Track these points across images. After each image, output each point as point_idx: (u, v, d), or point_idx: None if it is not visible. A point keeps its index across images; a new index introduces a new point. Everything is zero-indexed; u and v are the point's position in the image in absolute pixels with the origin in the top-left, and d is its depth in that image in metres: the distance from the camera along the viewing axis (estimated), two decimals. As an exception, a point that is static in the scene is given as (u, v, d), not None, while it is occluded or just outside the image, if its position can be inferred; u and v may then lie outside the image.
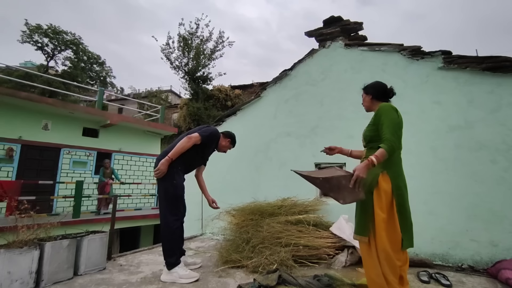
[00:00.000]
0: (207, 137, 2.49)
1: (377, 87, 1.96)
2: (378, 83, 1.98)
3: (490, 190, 2.62)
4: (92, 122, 8.74)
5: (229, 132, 2.82)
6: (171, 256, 2.30)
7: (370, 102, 2.00)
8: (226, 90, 17.65)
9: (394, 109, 1.77)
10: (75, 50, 20.38)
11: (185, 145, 2.36)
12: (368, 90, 2.01)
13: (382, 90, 1.93)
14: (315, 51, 4.05)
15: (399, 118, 1.74)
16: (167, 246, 2.33)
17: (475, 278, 2.34)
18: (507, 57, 2.77)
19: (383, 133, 1.67)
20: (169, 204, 2.37)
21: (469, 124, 2.82)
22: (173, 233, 2.36)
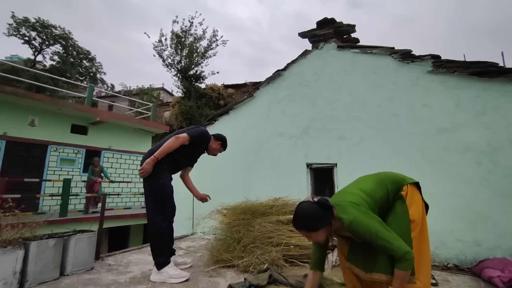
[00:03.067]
0: (196, 137, 2.45)
1: (307, 217, 1.38)
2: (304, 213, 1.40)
3: (475, 191, 2.70)
4: (81, 119, 8.55)
5: (220, 135, 2.79)
6: (160, 256, 2.27)
7: (323, 234, 1.40)
8: (219, 89, 17.56)
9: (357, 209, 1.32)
10: (64, 45, 19.87)
11: (172, 145, 2.31)
12: (308, 228, 1.39)
13: (318, 215, 1.37)
14: (308, 52, 4.08)
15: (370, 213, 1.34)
16: (155, 246, 2.30)
17: (460, 277, 2.40)
18: (493, 62, 2.86)
19: (383, 250, 1.27)
20: (156, 204, 2.33)
21: (456, 127, 2.89)
22: (161, 232, 2.32)
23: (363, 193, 1.41)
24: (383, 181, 1.49)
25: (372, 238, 1.25)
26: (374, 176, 1.56)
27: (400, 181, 1.49)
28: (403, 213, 1.40)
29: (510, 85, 2.71)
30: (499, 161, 2.65)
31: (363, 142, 3.39)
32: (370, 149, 3.32)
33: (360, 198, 1.38)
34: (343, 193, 1.49)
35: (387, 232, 1.26)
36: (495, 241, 2.55)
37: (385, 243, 1.23)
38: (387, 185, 1.47)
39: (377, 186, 1.46)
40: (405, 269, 1.23)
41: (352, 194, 1.42)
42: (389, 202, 1.45)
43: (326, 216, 1.37)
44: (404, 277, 1.24)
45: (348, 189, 1.52)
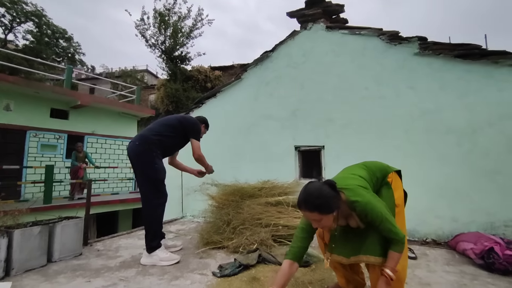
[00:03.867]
0: (200, 136, 2.61)
1: (322, 197, 1.26)
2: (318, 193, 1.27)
3: (455, 171, 2.83)
4: (60, 102, 8.15)
5: (202, 118, 2.85)
6: (153, 240, 2.29)
7: (331, 219, 1.31)
8: (206, 71, 17.10)
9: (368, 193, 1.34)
10: (38, 23, 18.52)
11: (204, 158, 2.61)
12: (323, 209, 1.26)
13: (332, 196, 1.27)
14: (296, 33, 4.00)
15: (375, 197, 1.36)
16: (151, 230, 2.31)
17: (437, 250, 2.56)
18: (476, 45, 2.90)
19: (387, 233, 1.29)
20: (152, 189, 2.34)
21: (439, 109, 2.97)
22: (157, 217, 2.36)
23: (362, 178, 1.43)
24: (371, 169, 1.53)
25: (382, 221, 1.27)
26: (362, 165, 1.58)
27: (385, 169, 1.56)
28: (389, 198, 1.46)
29: (491, 67, 2.77)
30: (478, 142, 2.76)
31: (350, 124, 3.44)
32: (356, 131, 3.38)
33: (364, 183, 1.40)
34: (343, 178, 1.44)
35: (391, 216, 1.31)
36: (470, 217, 2.72)
37: (390, 226, 1.27)
38: (376, 173, 1.52)
39: (368, 173, 1.50)
40: (400, 251, 1.29)
41: (355, 179, 1.41)
42: (376, 189, 1.50)
43: (337, 198, 1.28)
44: (398, 259, 1.31)
45: (345, 175, 1.49)
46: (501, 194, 2.62)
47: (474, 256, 2.15)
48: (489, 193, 2.67)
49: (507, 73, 2.70)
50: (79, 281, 1.91)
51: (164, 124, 2.49)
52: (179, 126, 2.52)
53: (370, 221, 1.30)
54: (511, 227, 2.56)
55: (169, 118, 2.58)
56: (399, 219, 1.45)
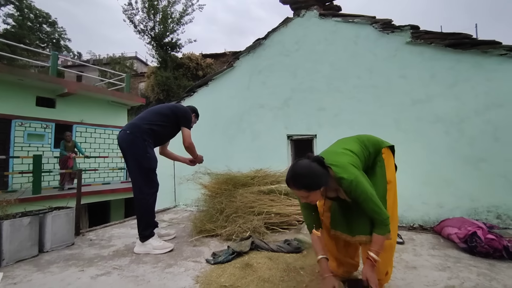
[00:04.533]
0: (191, 123, 2.59)
1: (310, 176, 1.29)
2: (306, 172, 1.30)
3: (442, 159, 2.90)
4: (46, 90, 7.89)
5: (192, 107, 2.83)
6: (146, 229, 2.30)
7: (319, 194, 1.35)
8: (197, 58, 16.75)
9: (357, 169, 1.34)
10: (18, 6, 17.64)
11: (194, 149, 2.64)
12: (310, 187, 1.30)
13: (319, 173, 1.29)
14: (289, 20, 3.93)
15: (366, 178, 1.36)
16: (144, 220, 2.31)
17: (423, 235, 2.66)
18: (467, 34, 2.92)
19: (374, 217, 1.31)
20: (144, 178, 2.33)
21: (430, 98, 3.01)
22: (149, 206, 2.35)
23: (353, 154, 1.42)
24: (364, 143, 1.52)
25: (366, 199, 1.28)
26: (356, 138, 1.57)
27: (379, 144, 1.54)
28: (382, 176, 1.48)
29: (480, 57, 2.81)
30: (465, 131, 2.83)
31: (342, 113, 3.46)
32: (348, 120, 3.40)
33: (355, 159, 1.40)
34: (334, 153, 1.45)
35: (376, 196, 1.31)
36: (455, 203, 2.82)
37: (374, 206, 1.28)
38: (369, 147, 1.51)
39: (360, 147, 1.49)
40: (384, 234, 1.30)
41: (346, 155, 1.41)
42: (369, 163, 1.50)
43: (325, 175, 1.31)
44: (382, 242, 1.32)
45: (336, 149, 1.49)
46: (485, 181, 2.72)
47: (458, 240, 2.25)
48: (474, 180, 2.76)
49: (496, 62, 2.75)
50: (72, 270, 1.91)
51: (156, 113, 2.46)
52: (171, 115, 2.49)
53: (354, 198, 1.32)
54: (493, 212, 2.67)
55: (161, 107, 2.55)
56: (391, 194, 1.47)
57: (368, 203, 1.29)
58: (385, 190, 1.45)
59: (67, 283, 1.71)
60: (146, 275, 1.82)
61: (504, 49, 2.70)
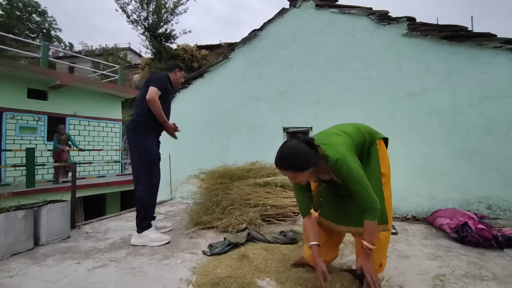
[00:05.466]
0: (162, 85, 2.37)
1: (296, 156, 1.28)
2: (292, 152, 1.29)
3: (436, 151, 2.94)
4: (38, 82, 7.71)
5: (172, 63, 2.66)
6: (143, 221, 2.31)
7: (308, 175, 1.34)
8: (192, 50, 16.52)
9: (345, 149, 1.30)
10: (6, -6, 17.08)
11: (157, 106, 2.28)
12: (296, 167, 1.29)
13: (308, 153, 1.27)
14: (285, 11, 3.88)
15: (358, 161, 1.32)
16: (142, 211, 2.31)
17: (416, 225, 2.72)
18: (462, 26, 2.92)
19: (361, 200, 1.29)
20: (143, 170, 2.33)
21: (424, 90, 3.02)
22: (147, 198, 2.35)
23: (346, 135, 1.41)
24: (360, 129, 1.51)
25: (351, 179, 1.25)
26: (351, 124, 1.57)
27: (374, 133, 1.53)
28: (377, 167, 1.46)
29: (475, 49, 2.82)
30: (459, 123, 2.86)
31: (338, 105, 3.46)
32: (344, 113, 3.41)
33: (346, 139, 1.38)
34: (327, 133, 1.44)
35: (364, 178, 1.27)
36: (448, 194, 2.87)
37: (359, 187, 1.25)
38: (364, 133, 1.49)
39: (356, 132, 1.47)
40: (373, 219, 1.28)
41: (337, 135, 1.40)
42: (364, 150, 1.48)
43: (314, 155, 1.29)
44: (373, 228, 1.29)
45: (330, 130, 1.49)
46: (477, 173, 2.77)
47: (450, 230, 2.30)
48: (466, 172, 2.81)
49: (490, 55, 2.76)
50: (69, 263, 1.92)
51: (140, 99, 2.39)
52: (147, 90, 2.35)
53: (341, 179, 1.30)
54: (484, 203, 2.73)
55: (141, 89, 2.45)
56: (387, 188, 1.46)
57: (354, 184, 1.25)
58: (380, 182, 1.44)
59: (63, 276, 1.72)
60: (143, 267, 1.84)
61: (499, 42, 2.71)
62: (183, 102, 4.55)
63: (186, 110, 4.51)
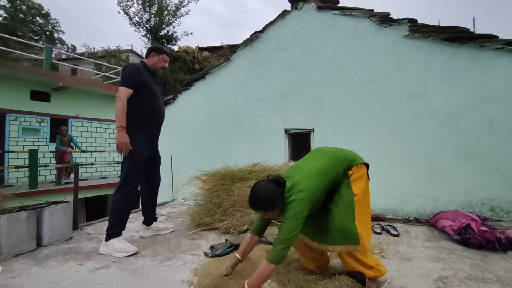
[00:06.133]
0: (131, 80, 2.14)
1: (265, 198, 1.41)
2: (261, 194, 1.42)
3: (438, 152, 2.93)
4: (41, 84, 7.78)
5: (148, 48, 2.41)
6: (111, 228, 2.15)
7: (278, 212, 1.45)
8: (194, 52, 16.56)
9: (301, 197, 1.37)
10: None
11: (120, 105, 2.06)
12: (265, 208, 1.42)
13: (276, 194, 1.40)
14: (287, 13, 3.89)
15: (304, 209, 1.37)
16: (112, 218, 2.18)
17: (418, 227, 2.71)
18: (464, 28, 2.92)
19: (278, 236, 1.37)
20: (123, 173, 2.18)
21: (426, 92, 3.02)
22: (118, 205, 2.17)
23: (318, 175, 1.46)
24: (336, 162, 1.55)
25: (287, 218, 1.35)
26: (330, 155, 1.60)
27: (350, 162, 1.57)
28: (347, 190, 1.51)
29: (477, 51, 2.81)
30: (460, 125, 2.85)
31: (339, 107, 3.46)
32: (345, 114, 3.41)
33: (313, 182, 1.42)
34: (299, 169, 1.53)
35: (293, 228, 1.33)
36: (450, 196, 2.86)
37: (286, 227, 1.34)
38: (339, 166, 1.54)
39: (331, 166, 1.52)
40: (269, 260, 1.33)
41: (306, 178, 1.44)
42: (338, 180, 1.54)
43: (281, 195, 1.41)
44: (265, 275, 1.34)
45: (304, 167, 1.55)
46: (479, 174, 2.76)
47: (452, 232, 2.29)
48: (468, 173, 2.80)
49: (492, 57, 2.75)
50: (71, 264, 1.92)
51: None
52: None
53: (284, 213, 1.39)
54: (486, 205, 2.72)
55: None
56: (357, 207, 1.48)
57: (284, 222, 1.35)
58: (351, 201, 1.48)
59: (66, 277, 1.72)
60: (145, 268, 1.84)
61: (501, 43, 2.70)
62: (185, 103, 4.57)
63: (187, 111, 4.52)
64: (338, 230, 1.43)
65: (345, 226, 1.43)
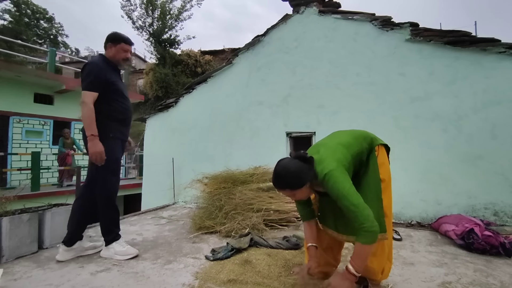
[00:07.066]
0: (93, 80, 1.92)
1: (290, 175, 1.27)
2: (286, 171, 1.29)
3: (440, 156, 2.92)
4: (44, 87, 7.85)
5: (106, 38, 2.09)
6: (109, 234, 2.11)
7: (307, 190, 1.35)
8: (196, 55, 16.67)
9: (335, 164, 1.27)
10: (15, 2, 17.49)
11: (87, 112, 1.85)
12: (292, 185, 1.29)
13: (302, 170, 1.27)
14: (288, 17, 3.92)
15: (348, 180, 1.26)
16: (105, 223, 2.12)
17: (421, 232, 2.68)
18: (466, 31, 2.92)
19: (351, 218, 1.21)
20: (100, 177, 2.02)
21: (428, 95, 3.01)
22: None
23: (341, 147, 1.39)
24: (358, 138, 1.49)
25: (338, 196, 1.21)
26: (350, 132, 1.55)
27: (372, 140, 1.52)
28: (375, 174, 1.44)
29: (479, 55, 2.81)
30: (463, 128, 2.84)
31: (341, 110, 3.46)
32: (347, 118, 3.41)
33: (340, 153, 1.35)
34: (321, 145, 1.45)
35: (354, 195, 1.20)
36: (453, 200, 2.84)
37: (348, 204, 1.19)
38: (362, 142, 1.47)
39: (354, 141, 1.45)
40: (364, 242, 1.18)
41: (330, 148, 1.38)
42: (362, 159, 1.46)
43: (309, 170, 1.27)
44: (363, 253, 1.20)
45: (326, 141, 1.49)
46: (482, 178, 2.73)
47: (455, 237, 2.27)
48: (471, 178, 2.78)
49: (495, 60, 2.75)
50: (72, 266, 1.92)
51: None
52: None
53: (329, 193, 1.26)
54: (490, 209, 2.69)
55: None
56: (386, 193, 1.44)
57: (342, 200, 1.21)
58: (379, 189, 1.41)
59: (67, 279, 1.72)
60: (146, 271, 1.83)
61: (503, 47, 2.70)
62: (187, 106, 4.59)
63: (189, 114, 4.54)
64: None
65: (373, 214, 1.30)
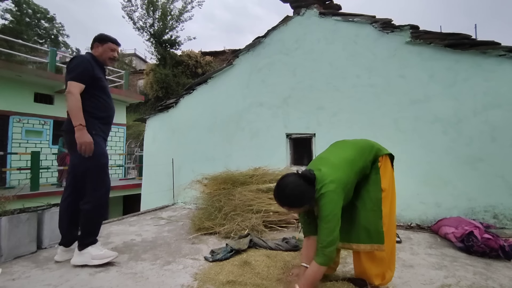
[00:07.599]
0: (82, 71, 1.94)
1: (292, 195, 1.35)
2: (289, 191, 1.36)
3: (440, 158, 2.92)
4: (45, 87, 7.85)
5: (94, 38, 2.13)
6: (88, 237, 1.98)
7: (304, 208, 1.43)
8: (196, 56, 16.71)
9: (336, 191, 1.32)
10: (17, 1, 17.51)
11: (74, 102, 1.85)
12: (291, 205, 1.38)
13: (304, 191, 1.34)
14: (289, 18, 3.93)
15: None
16: (88, 227, 2.00)
17: (421, 234, 2.68)
18: (466, 34, 2.93)
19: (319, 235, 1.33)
20: (88, 178, 1.97)
21: (428, 98, 3.02)
22: (97, 211, 2.01)
23: (345, 165, 1.42)
24: (364, 151, 1.51)
25: (323, 216, 1.30)
26: (355, 144, 1.57)
27: (377, 152, 1.53)
28: (376, 184, 1.47)
29: (479, 57, 2.82)
30: (463, 131, 2.84)
31: (341, 112, 3.46)
32: (347, 120, 3.41)
33: (342, 173, 1.38)
34: (326, 160, 1.48)
35: (336, 222, 1.29)
36: (452, 202, 2.84)
37: (326, 226, 1.28)
38: (367, 156, 1.49)
39: (358, 155, 1.48)
40: (318, 261, 1.29)
41: (333, 166, 1.41)
42: (366, 171, 1.50)
43: (311, 191, 1.33)
44: (313, 273, 1.30)
45: (330, 158, 1.50)
46: (482, 181, 2.73)
47: (455, 239, 2.27)
48: (471, 180, 2.78)
49: (495, 63, 2.75)
50: (71, 266, 1.91)
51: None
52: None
53: (318, 210, 1.35)
54: (490, 212, 2.69)
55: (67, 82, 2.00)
56: (386, 202, 1.46)
57: (323, 220, 1.30)
58: (379, 199, 1.44)
59: (65, 280, 1.71)
60: (145, 272, 1.83)
61: (503, 50, 2.71)
62: (187, 107, 4.59)
63: (189, 115, 4.54)
64: (363, 229, 1.40)
65: (371, 225, 1.39)
